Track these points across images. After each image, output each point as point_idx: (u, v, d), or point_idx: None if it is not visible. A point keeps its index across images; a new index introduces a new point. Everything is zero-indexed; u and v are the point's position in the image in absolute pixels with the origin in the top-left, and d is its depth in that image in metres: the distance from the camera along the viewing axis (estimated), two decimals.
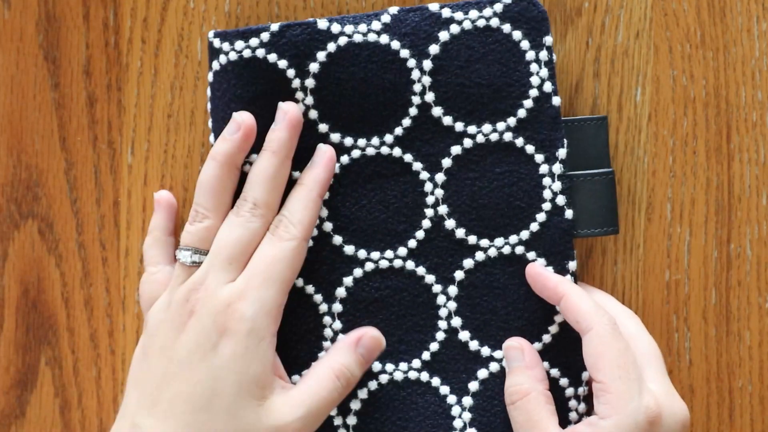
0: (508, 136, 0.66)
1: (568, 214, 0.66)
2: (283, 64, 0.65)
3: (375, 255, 0.66)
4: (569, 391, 0.66)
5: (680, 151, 0.69)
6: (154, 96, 0.70)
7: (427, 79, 0.66)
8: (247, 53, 0.65)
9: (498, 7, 0.66)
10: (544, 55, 0.66)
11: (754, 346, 0.69)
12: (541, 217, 0.66)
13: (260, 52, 0.65)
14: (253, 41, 0.65)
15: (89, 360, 0.70)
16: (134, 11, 0.70)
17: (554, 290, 0.65)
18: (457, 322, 0.66)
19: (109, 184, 0.70)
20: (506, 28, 0.66)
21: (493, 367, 0.66)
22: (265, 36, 0.65)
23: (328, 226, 0.66)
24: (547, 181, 0.66)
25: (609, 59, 0.69)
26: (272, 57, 0.65)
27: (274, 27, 0.65)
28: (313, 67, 0.65)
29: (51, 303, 0.70)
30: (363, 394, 0.66)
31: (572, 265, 0.66)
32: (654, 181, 0.69)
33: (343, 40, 0.65)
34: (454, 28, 0.66)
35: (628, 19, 0.69)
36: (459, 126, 0.66)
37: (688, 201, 0.69)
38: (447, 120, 0.66)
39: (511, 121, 0.66)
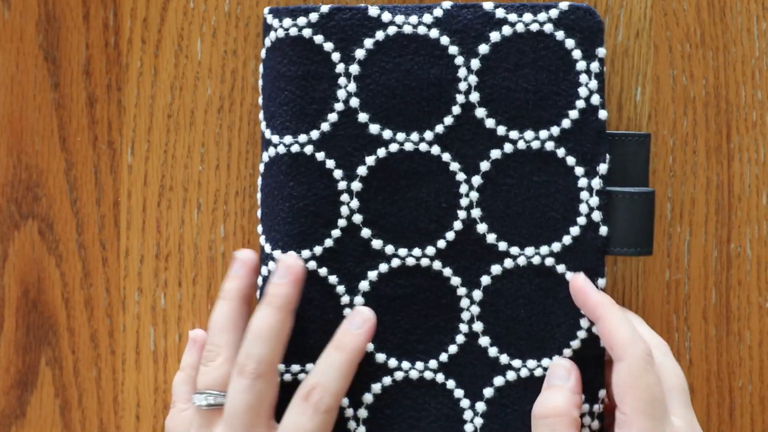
0: (549, 146, 0.65)
1: (603, 230, 0.65)
2: (329, 46, 0.65)
3: (402, 252, 0.65)
4: (584, 407, 0.65)
5: (680, 150, 0.69)
6: (154, 96, 0.70)
7: (473, 79, 0.65)
8: (293, 32, 0.65)
9: (553, 13, 0.64)
10: (595, 66, 0.65)
11: (754, 346, 0.69)
12: (575, 230, 0.65)
13: (307, 32, 0.65)
14: (301, 20, 0.65)
15: (89, 360, 0.70)
16: (134, 11, 0.70)
17: (593, 310, 0.63)
18: (478, 326, 0.65)
19: (109, 185, 0.70)
20: (559, 35, 0.64)
21: (510, 375, 0.65)
22: (313, 16, 0.65)
23: (357, 218, 0.65)
24: (584, 195, 0.64)
25: (609, 59, 0.69)
26: (319, 38, 0.65)
27: (324, 8, 0.65)
28: (359, 53, 0.65)
29: (51, 303, 0.70)
30: (377, 388, 0.65)
31: (602, 282, 0.65)
32: (654, 180, 0.69)
33: (392, 30, 0.65)
34: (507, 30, 0.65)
35: (628, 18, 0.69)
36: (501, 130, 0.65)
37: (688, 201, 0.69)
38: (489, 122, 0.65)
39: (555, 130, 0.64)
